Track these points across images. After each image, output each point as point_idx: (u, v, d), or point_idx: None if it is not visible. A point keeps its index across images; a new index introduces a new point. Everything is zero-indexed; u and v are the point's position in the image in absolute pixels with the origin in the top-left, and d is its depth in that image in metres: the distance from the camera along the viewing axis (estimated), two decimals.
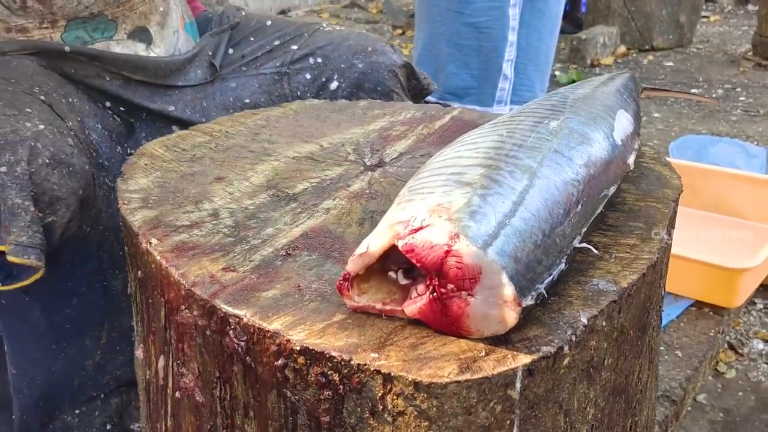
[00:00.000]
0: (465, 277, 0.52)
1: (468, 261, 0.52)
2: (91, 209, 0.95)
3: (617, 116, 0.78)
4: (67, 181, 0.88)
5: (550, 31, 2.44)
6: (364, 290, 0.58)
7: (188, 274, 0.64)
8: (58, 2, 1.05)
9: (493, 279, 0.52)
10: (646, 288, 0.68)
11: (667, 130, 2.92)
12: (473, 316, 0.53)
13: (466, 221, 0.54)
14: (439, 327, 0.56)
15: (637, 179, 0.84)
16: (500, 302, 0.52)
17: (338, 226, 0.74)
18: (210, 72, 1.20)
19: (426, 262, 0.53)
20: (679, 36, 4.26)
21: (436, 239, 0.53)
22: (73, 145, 0.91)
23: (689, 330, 1.55)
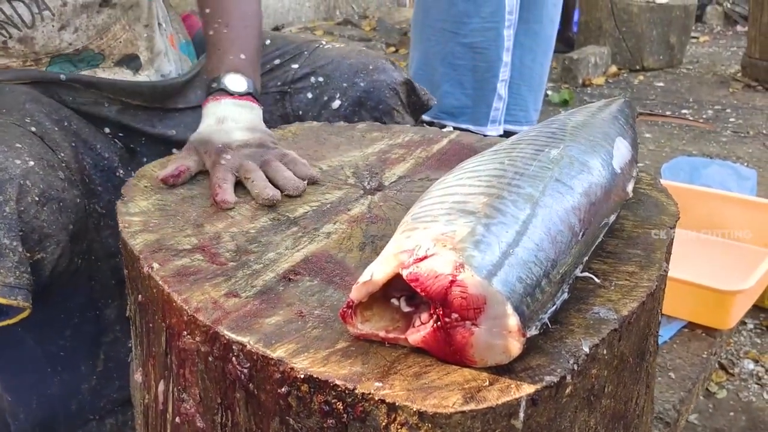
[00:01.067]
0: (470, 307, 0.53)
1: (473, 291, 0.52)
2: (83, 242, 0.94)
3: (616, 144, 0.79)
4: (57, 217, 0.87)
5: (545, 51, 2.46)
6: (367, 318, 0.59)
7: (191, 300, 0.64)
8: (40, 41, 1.05)
9: (498, 309, 0.52)
10: (645, 315, 0.69)
11: (659, 151, 2.95)
12: (477, 345, 0.54)
13: (471, 251, 0.54)
14: (443, 356, 0.56)
15: (634, 206, 0.85)
16: (505, 332, 0.53)
17: (339, 251, 0.74)
18: None
19: (430, 292, 0.53)
20: (669, 56, 4.30)
21: (440, 269, 0.53)
22: (63, 179, 0.91)
23: (682, 352, 1.56)
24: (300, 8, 5.26)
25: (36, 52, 1.05)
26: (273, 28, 5.00)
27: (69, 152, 0.97)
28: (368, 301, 0.58)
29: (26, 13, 1.02)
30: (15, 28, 1.02)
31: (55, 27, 1.05)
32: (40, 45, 1.05)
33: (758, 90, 3.81)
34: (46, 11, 1.03)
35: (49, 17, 1.04)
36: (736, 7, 5.61)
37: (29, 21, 1.03)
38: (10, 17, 1.01)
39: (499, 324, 0.53)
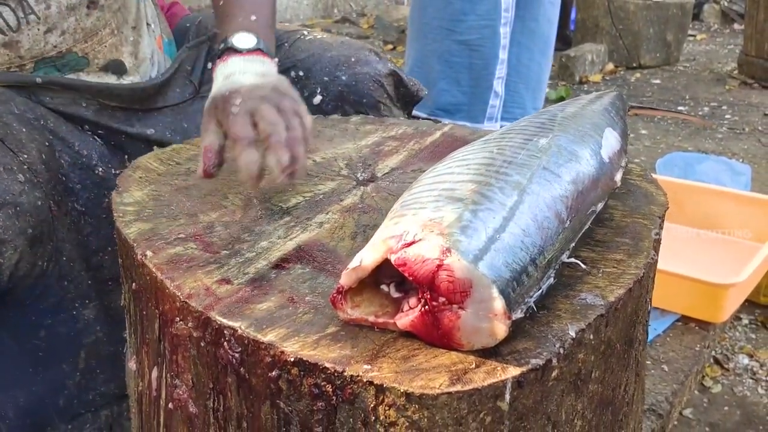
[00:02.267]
0: (456, 290, 0.54)
1: (459, 275, 0.53)
2: (47, 245, 0.93)
3: (605, 134, 0.80)
4: (14, 222, 0.87)
5: (542, 50, 2.47)
6: (357, 303, 0.60)
7: (183, 287, 0.65)
8: (25, 45, 1.03)
9: (484, 293, 0.53)
10: (632, 302, 0.70)
11: (654, 147, 2.96)
12: (464, 328, 0.55)
13: (458, 236, 0.55)
14: (431, 339, 0.57)
15: (624, 196, 0.86)
16: (490, 315, 0.54)
17: (331, 240, 0.75)
18: (190, 91, 1.17)
19: (418, 276, 0.54)
20: (666, 54, 4.32)
21: (428, 253, 0.54)
22: (23, 182, 0.89)
23: (675, 345, 1.57)
24: (298, 6, 5.27)
25: (21, 56, 1.04)
26: None
27: (35, 153, 0.95)
28: (358, 287, 0.59)
29: (11, 17, 1.01)
30: (0, 33, 1.01)
31: (41, 30, 1.03)
32: (25, 49, 1.04)
33: (754, 87, 3.83)
34: (31, 15, 1.02)
35: (34, 21, 1.02)
36: (733, 5, 5.63)
37: (14, 25, 1.01)
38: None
39: (485, 307, 0.54)
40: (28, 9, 1.02)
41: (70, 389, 1.04)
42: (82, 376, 1.04)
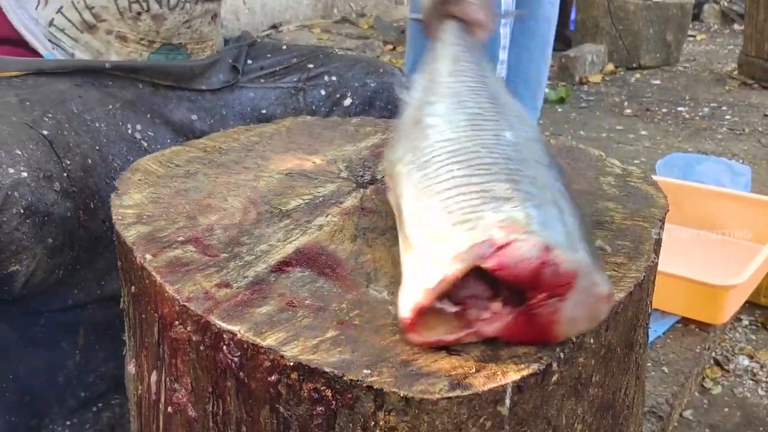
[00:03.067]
0: (562, 283, 0.54)
1: (565, 267, 0.53)
2: (67, 254, 0.94)
3: None
4: (38, 231, 0.87)
5: (541, 50, 2.46)
6: (432, 328, 0.56)
7: (182, 290, 0.64)
8: (167, 25, 1.12)
9: (588, 279, 0.54)
10: (633, 306, 0.70)
11: (654, 147, 2.96)
12: (564, 320, 0.55)
13: (545, 231, 0.55)
14: (522, 339, 0.57)
15: (624, 198, 0.86)
16: (595, 300, 0.55)
17: (331, 243, 0.75)
18: (232, 75, 1.23)
19: (521, 276, 0.53)
20: (666, 54, 4.32)
21: (528, 253, 0.53)
22: (59, 191, 0.90)
23: (676, 346, 1.57)
24: (298, 6, 5.27)
25: (158, 32, 1.12)
26: (270, 26, 5.01)
27: (79, 159, 0.96)
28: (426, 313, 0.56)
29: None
30: (157, 5, 1.09)
31: (182, 18, 1.13)
32: (164, 28, 1.11)
33: (754, 88, 3.83)
34: (187, 3, 1.12)
35: (187, 9, 1.12)
36: (733, 6, 5.63)
37: (173, 4, 1.10)
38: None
39: (591, 293, 0.54)
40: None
41: (70, 368, 1.05)
42: (82, 354, 1.05)
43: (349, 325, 0.60)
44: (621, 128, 3.19)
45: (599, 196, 0.86)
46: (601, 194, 0.87)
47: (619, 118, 3.35)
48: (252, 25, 4.87)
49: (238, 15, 4.71)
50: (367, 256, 0.72)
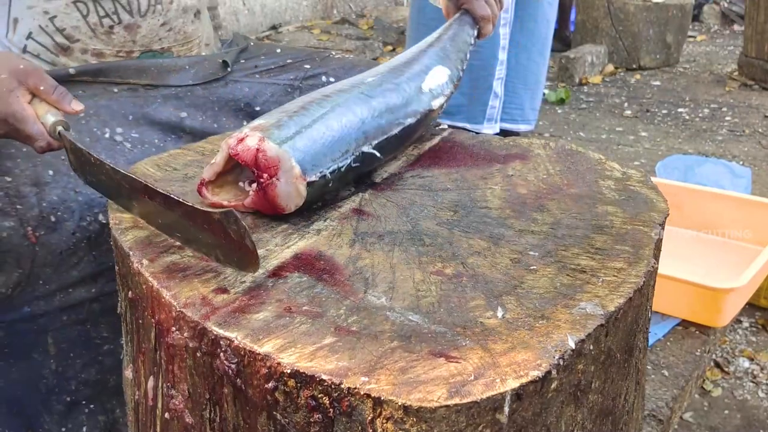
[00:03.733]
0: (270, 165, 0.76)
1: (270, 154, 0.76)
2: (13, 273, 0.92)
3: (433, 71, 1.03)
4: None
5: (540, 50, 2.46)
6: (217, 192, 0.81)
7: (180, 296, 0.64)
8: (142, 32, 1.10)
9: (287, 164, 0.76)
10: (633, 311, 0.69)
11: (654, 149, 2.95)
12: (280, 195, 0.76)
13: (272, 130, 0.78)
14: (266, 211, 0.78)
15: (624, 202, 0.85)
16: (293, 180, 0.76)
17: (329, 248, 0.74)
18: (221, 68, 1.20)
19: (246, 160, 0.77)
20: (666, 55, 4.31)
21: (251, 143, 0.77)
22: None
23: (675, 349, 1.56)
24: (297, 7, 5.26)
25: (134, 41, 1.11)
26: (270, 27, 5.00)
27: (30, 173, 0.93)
28: (221, 181, 0.81)
29: (145, 3, 1.09)
30: (128, 14, 1.08)
31: (158, 22, 1.11)
32: (140, 35, 1.10)
33: (754, 89, 3.82)
34: (158, 5, 1.10)
35: (159, 11, 1.10)
36: (733, 6, 5.62)
37: (144, 10, 1.08)
38: (131, 2, 1.07)
39: (290, 174, 0.75)
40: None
41: (48, 378, 1.03)
42: (57, 362, 1.03)
43: (347, 331, 0.60)
44: (621, 129, 3.18)
45: (599, 199, 0.86)
46: (600, 198, 0.86)
47: (619, 119, 3.34)
48: (251, 26, 4.87)
49: (238, 16, 4.71)
50: (365, 261, 0.72)
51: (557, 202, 0.85)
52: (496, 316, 0.62)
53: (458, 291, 0.66)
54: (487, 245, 0.74)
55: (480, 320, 0.61)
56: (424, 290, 0.66)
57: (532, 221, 0.80)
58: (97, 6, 1.05)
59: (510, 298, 0.65)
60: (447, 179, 0.91)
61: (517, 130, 2.61)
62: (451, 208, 0.83)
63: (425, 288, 0.67)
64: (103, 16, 1.06)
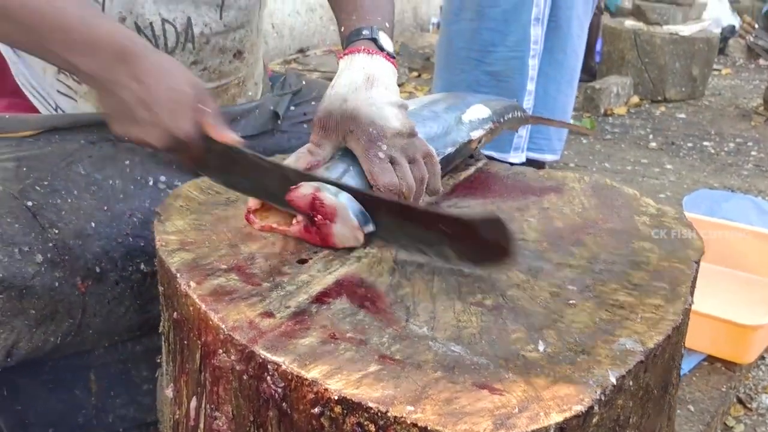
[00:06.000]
0: (327, 212, 0.79)
1: (327, 202, 0.78)
2: (63, 323, 0.92)
3: (473, 106, 1.07)
4: (14, 305, 0.86)
5: (569, 82, 2.48)
6: (265, 217, 0.85)
7: (227, 319, 0.66)
8: (176, 57, 1.02)
9: (344, 214, 0.78)
10: (670, 348, 0.70)
11: (679, 182, 2.95)
12: (336, 235, 0.80)
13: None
14: (314, 243, 0.81)
15: (659, 239, 0.86)
16: (351, 228, 0.79)
17: (370, 275, 0.76)
18: (271, 121, 1.17)
19: (301, 206, 0.80)
20: (691, 88, 4.31)
21: (305, 191, 0.79)
22: (41, 262, 0.88)
23: (701, 385, 1.55)
24: (325, 31, 5.33)
25: None
26: (298, 50, 5.07)
27: (73, 226, 0.92)
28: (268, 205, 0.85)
29: (173, 38, 1.02)
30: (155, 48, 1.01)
31: (188, 60, 1.05)
32: None
33: None
34: (189, 43, 1.04)
35: (189, 49, 1.04)
36: (759, 41, 5.62)
37: (171, 46, 1.03)
38: (157, 37, 1.01)
39: (347, 224, 0.79)
40: (189, 36, 1.03)
41: (88, 409, 1.04)
42: (98, 398, 1.04)
43: (391, 360, 0.61)
44: (646, 161, 3.18)
45: (635, 235, 0.87)
46: (636, 234, 0.87)
47: (644, 151, 3.34)
48: (280, 48, 4.93)
49: (267, 38, 4.77)
50: (405, 289, 0.73)
51: (593, 237, 0.86)
52: (537, 350, 0.63)
53: (499, 323, 0.67)
54: (525, 278, 0.76)
55: (522, 353, 0.62)
56: (465, 321, 0.67)
57: (570, 255, 0.81)
58: None
59: (550, 332, 0.66)
60: (483, 210, 0.93)
61: (543, 159, 2.62)
62: None
63: (466, 319, 0.68)
64: None
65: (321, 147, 0.87)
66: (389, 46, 0.94)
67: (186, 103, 0.80)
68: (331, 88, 0.89)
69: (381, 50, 0.92)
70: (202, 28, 1.04)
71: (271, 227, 0.83)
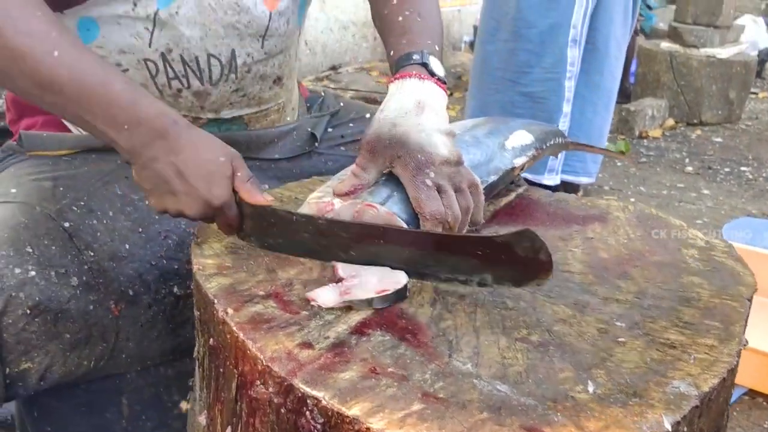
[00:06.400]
0: None
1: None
2: (97, 347, 0.91)
3: (516, 132, 1.05)
4: (50, 328, 0.86)
5: (605, 104, 2.45)
6: None
7: (265, 349, 0.64)
8: (211, 99, 1.04)
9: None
10: (724, 391, 0.67)
11: (717, 208, 2.89)
12: None
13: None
14: None
15: (709, 274, 0.83)
16: None
17: (411, 306, 0.74)
18: (309, 143, 1.16)
19: None
20: (728, 112, 4.25)
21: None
22: (76, 285, 0.87)
23: (742, 420, 1.51)
24: (357, 49, 5.35)
25: (202, 107, 1.05)
26: (330, 68, 5.09)
27: (108, 248, 0.92)
28: None
29: (217, 72, 1.03)
30: (198, 81, 1.02)
31: (230, 88, 1.05)
32: (209, 102, 1.05)
33: None
34: (232, 74, 1.04)
35: (232, 79, 1.04)
36: None
37: (216, 78, 1.03)
38: (203, 70, 1.01)
39: None
40: (233, 69, 1.03)
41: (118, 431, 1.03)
42: (129, 422, 1.03)
43: (435, 398, 0.59)
44: (682, 186, 3.13)
45: (683, 269, 0.84)
46: (685, 268, 0.84)
47: (680, 175, 3.29)
48: (312, 65, 4.96)
49: (300, 56, 4.80)
50: (447, 322, 0.71)
51: (640, 270, 0.83)
52: (587, 391, 0.60)
53: (546, 361, 0.65)
54: (572, 313, 0.73)
55: (570, 394, 0.60)
56: (510, 358, 0.65)
57: (616, 289, 0.79)
58: (167, 67, 1.00)
59: (600, 372, 0.63)
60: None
61: (578, 182, 2.58)
62: None
63: (511, 356, 0.65)
64: (172, 77, 1.01)
65: (366, 170, 0.84)
66: (440, 71, 0.92)
67: (221, 172, 0.80)
68: (380, 112, 0.87)
69: (432, 75, 0.91)
70: (245, 58, 1.04)
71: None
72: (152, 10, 0.95)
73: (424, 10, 1.00)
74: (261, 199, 0.81)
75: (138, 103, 0.81)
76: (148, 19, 0.96)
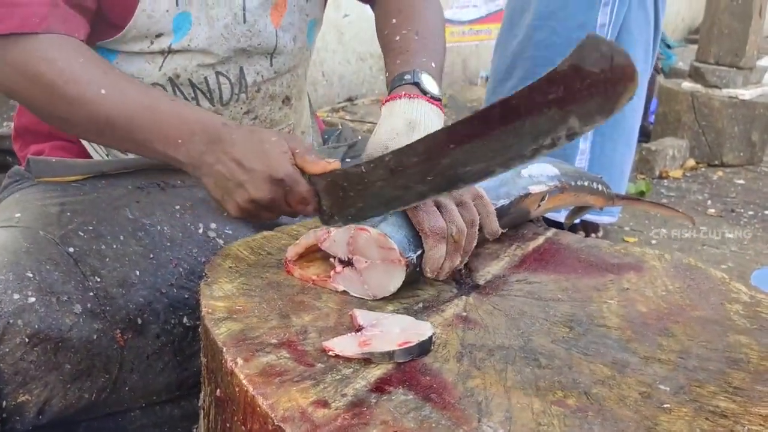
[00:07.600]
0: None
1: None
2: (99, 379, 0.86)
3: (540, 162, 1.00)
4: (50, 358, 0.81)
5: (626, 141, 2.39)
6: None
7: (277, 407, 0.58)
8: (230, 108, 1.04)
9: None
10: None
11: (742, 252, 2.81)
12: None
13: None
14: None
15: (758, 333, 0.77)
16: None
17: (435, 360, 0.68)
18: None
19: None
20: (750, 153, 4.17)
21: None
22: (80, 313, 0.83)
23: None
24: (374, 80, 5.33)
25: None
26: (346, 99, 5.07)
27: (117, 273, 0.88)
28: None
29: (227, 91, 1.03)
30: (209, 102, 1.02)
31: (241, 110, 1.05)
32: (227, 113, 1.04)
33: None
34: (242, 94, 1.04)
35: (243, 99, 1.04)
36: None
37: (226, 99, 1.03)
38: (212, 90, 1.01)
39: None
40: (243, 88, 1.03)
41: None
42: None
43: None
44: (705, 229, 3.05)
45: (729, 327, 0.78)
46: (730, 325, 0.78)
47: (703, 217, 3.21)
48: (328, 96, 4.94)
49: (316, 86, 4.79)
50: (476, 380, 0.65)
51: (683, 327, 0.77)
52: None
53: (585, 429, 0.59)
54: (611, 373, 0.67)
55: None
56: (546, 424, 0.59)
57: (658, 347, 0.72)
58: (176, 89, 0.99)
59: None
60: (557, 288, 0.85)
61: (599, 222, 2.52)
62: (566, 324, 0.76)
63: (547, 422, 0.59)
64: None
65: None
66: (433, 88, 0.91)
67: (276, 148, 0.81)
68: (373, 136, 0.87)
69: (424, 94, 0.89)
70: (255, 77, 1.04)
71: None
72: (166, 45, 0.96)
73: (422, 29, 1.00)
74: (325, 164, 0.80)
75: (185, 116, 0.83)
76: (162, 53, 0.97)
